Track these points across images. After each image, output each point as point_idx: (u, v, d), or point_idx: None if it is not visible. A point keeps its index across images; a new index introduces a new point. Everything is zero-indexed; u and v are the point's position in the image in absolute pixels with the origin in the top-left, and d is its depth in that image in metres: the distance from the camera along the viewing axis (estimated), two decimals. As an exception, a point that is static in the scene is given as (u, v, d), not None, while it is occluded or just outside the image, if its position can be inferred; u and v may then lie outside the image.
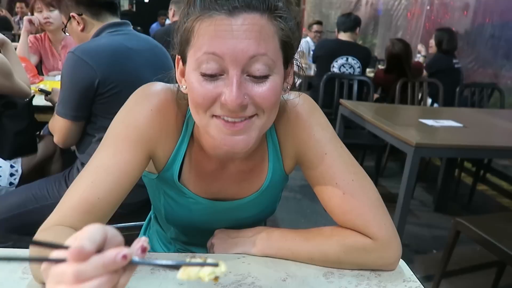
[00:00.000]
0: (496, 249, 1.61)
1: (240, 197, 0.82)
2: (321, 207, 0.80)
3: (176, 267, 0.42)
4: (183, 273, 0.42)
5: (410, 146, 1.90)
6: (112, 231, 0.42)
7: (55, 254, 0.40)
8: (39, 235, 0.64)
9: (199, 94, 0.63)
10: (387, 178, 3.46)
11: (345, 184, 0.76)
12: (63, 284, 0.38)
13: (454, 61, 3.71)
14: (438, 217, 2.90)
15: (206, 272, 0.41)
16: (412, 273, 0.77)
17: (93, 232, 0.41)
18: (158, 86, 0.76)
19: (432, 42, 3.83)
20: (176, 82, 0.72)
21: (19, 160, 1.64)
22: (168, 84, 0.76)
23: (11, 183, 1.58)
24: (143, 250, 0.41)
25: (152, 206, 0.96)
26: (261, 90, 0.62)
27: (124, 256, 0.39)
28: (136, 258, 0.41)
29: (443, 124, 2.31)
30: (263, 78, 0.62)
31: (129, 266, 0.41)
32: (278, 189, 0.88)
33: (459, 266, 2.15)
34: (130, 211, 1.28)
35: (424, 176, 3.52)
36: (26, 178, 1.62)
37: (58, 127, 1.41)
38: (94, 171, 0.69)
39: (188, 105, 0.73)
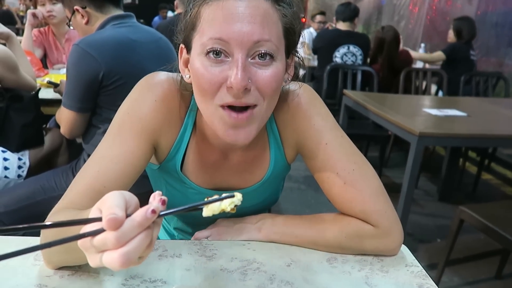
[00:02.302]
0: (500, 237, 1.62)
1: (242, 187, 0.84)
2: (325, 197, 0.81)
3: (200, 208, 0.48)
4: (207, 211, 0.48)
5: (413, 135, 1.91)
6: (127, 194, 0.46)
7: (90, 227, 0.44)
8: (50, 220, 0.65)
9: (205, 79, 0.63)
10: (392, 169, 3.47)
11: (345, 174, 0.77)
12: (108, 250, 0.43)
13: (471, 52, 3.65)
14: (442, 206, 2.91)
15: (226, 204, 0.48)
16: (414, 258, 0.78)
17: (116, 199, 0.44)
18: (161, 76, 0.77)
19: (450, 32, 3.77)
20: (179, 72, 0.73)
21: (26, 152, 1.66)
22: (172, 73, 0.77)
23: (19, 175, 1.60)
24: (163, 202, 0.45)
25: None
26: (264, 75, 0.63)
27: (153, 211, 0.43)
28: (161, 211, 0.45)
29: (447, 113, 2.31)
30: (266, 62, 0.63)
31: (157, 218, 0.45)
32: (280, 178, 0.89)
33: (463, 254, 2.17)
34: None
35: (429, 166, 3.52)
36: (34, 170, 1.64)
37: (64, 118, 1.43)
38: (100, 160, 0.71)
39: (191, 95, 0.74)
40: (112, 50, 1.35)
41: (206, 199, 0.48)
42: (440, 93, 3.55)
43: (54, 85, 1.81)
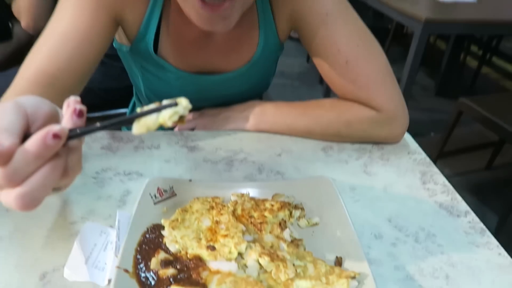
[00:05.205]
0: (498, 128, 1.58)
1: (228, 70, 0.73)
2: (321, 95, 0.71)
3: (129, 122, 0.34)
4: (139, 126, 0.34)
5: (418, 22, 1.74)
6: (30, 103, 0.32)
7: None
8: None
9: None
10: (390, 64, 3.33)
11: (348, 50, 0.66)
12: (3, 190, 0.30)
13: None
14: (438, 101, 2.85)
15: (166, 116, 0.34)
16: (417, 145, 0.72)
17: (7, 116, 0.30)
18: None
19: None
20: None
21: (-9, 46, 1.50)
22: None
23: (-14, 71, 1.47)
24: (80, 114, 0.32)
25: (133, 86, 0.87)
26: None
27: (56, 135, 0.30)
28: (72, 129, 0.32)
29: (455, 0, 2.11)
30: None
31: (74, 141, 0.32)
32: (272, 60, 0.78)
33: (456, 147, 2.16)
34: (119, 97, 1.21)
35: (428, 61, 3.38)
36: (2, 66, 1.50)
37: (23, 7, 1.26)
38: (50, 38, 0.59)
39: None
40: None
41: (139, 110, 0.34)
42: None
43: None
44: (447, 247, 0.50)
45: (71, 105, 0.32)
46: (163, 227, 0.48)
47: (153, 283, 0.41)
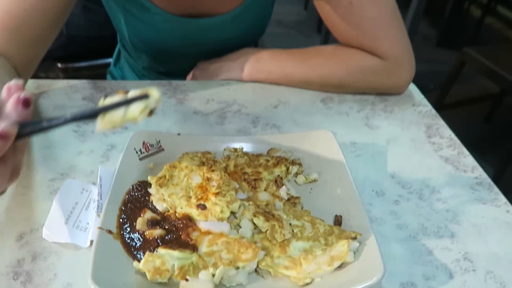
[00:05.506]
0: (502, 79, 1.53)
1: (220, 13, 0.66)
2: (318, 44, 0.64)
3: (91, 117, 0.28)
4: (104, 122, 0.29)
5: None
6: None
7: None
8: None
9: None
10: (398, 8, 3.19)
11: None
12: None
13: None
14: (439, 52, 2.76)
15: (137, 110, 0.29)
16: (423, 97, 0.67)
17: None
18: None
19: None
20: None
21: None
22: None
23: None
24: (25, 103, 0.26)
25: (117, 32, 0.80)
26: None
27: (3, 136, 0.24)
28: (15, 126, 0.26)
29: None
30: None
31: (20, 141, 0.27)
32: (268, 2, 0.71)
33: (455, 100, 2.12)
34: (106, 45, 1.13)
35: (430, 10, 3.24)
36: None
37: None
38: None
39: None
40: None
41: (101, 103, 0.29)
42: None
43: None
44: (453, 204, 0.47)
45: (13, 91, 0.26)
46: (149, 185, 0.44)
47: (139, 244, 0.38)
